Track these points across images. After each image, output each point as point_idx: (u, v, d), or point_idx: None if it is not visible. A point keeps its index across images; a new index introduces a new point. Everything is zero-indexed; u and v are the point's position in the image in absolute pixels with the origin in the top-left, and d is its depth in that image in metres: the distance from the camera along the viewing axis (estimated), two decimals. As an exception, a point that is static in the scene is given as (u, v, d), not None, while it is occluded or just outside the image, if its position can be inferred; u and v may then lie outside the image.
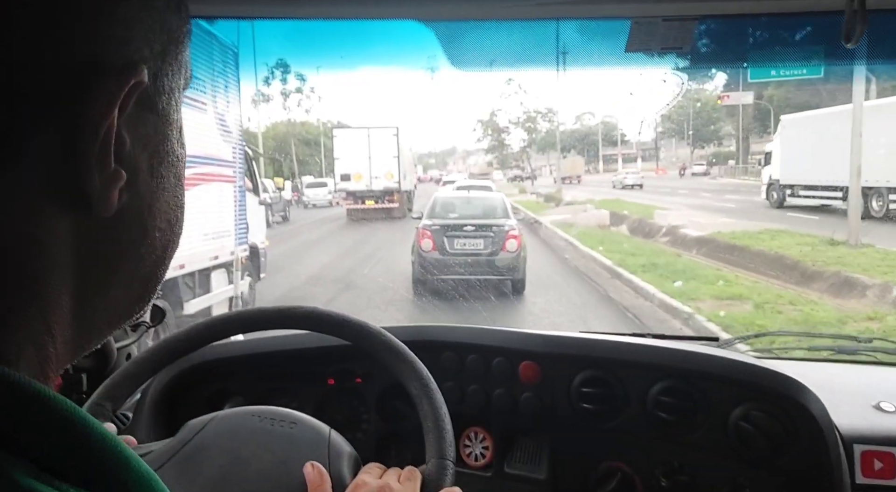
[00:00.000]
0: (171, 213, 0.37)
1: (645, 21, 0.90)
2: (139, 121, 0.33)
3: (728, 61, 0.99)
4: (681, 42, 0.91)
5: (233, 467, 0.77)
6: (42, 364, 0.30)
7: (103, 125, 0.30)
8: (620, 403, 1.02)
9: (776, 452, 0.94)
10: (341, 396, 1.18)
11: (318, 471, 0.76)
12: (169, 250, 0.38)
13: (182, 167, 0.38)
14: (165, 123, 0.36)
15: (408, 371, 0.87)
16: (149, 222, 0.35)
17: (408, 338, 0.96)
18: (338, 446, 0.82)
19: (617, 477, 1.01)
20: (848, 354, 1.41)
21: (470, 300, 7.07)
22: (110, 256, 0.34)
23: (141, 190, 0.34)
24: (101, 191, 0.31)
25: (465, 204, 9.21)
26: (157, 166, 0.35)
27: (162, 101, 0.35)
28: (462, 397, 1.12)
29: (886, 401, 1.07)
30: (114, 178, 0.31)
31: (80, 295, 0.32)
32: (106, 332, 0.36)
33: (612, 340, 1.10)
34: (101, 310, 0.34)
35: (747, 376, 0.98)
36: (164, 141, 0.36)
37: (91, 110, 0.30)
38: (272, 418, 0.85)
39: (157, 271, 0.38)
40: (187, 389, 1.17)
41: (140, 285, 0.37)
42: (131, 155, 0.33)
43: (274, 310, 0.89)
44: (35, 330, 0.30)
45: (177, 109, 0.37)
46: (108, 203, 0.31)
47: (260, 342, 1.19)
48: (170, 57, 0.35)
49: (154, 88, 0.34)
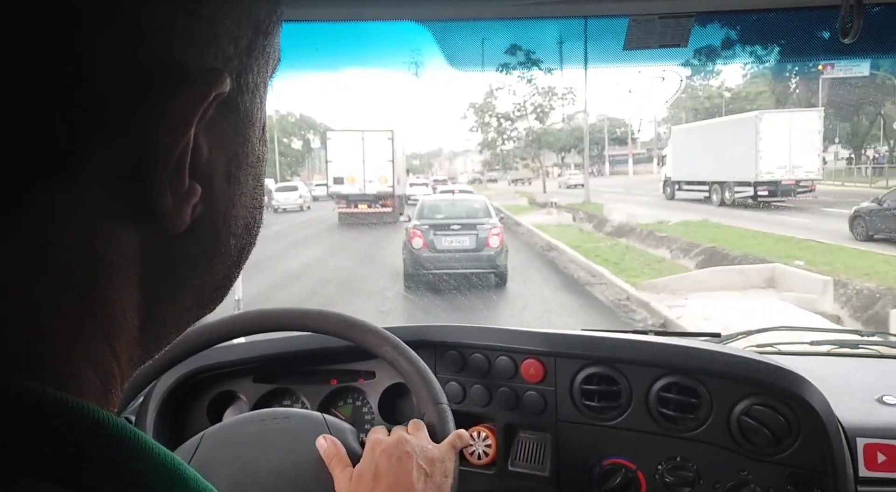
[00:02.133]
0: (248, 217, 0.34)
1: (642, 18, 0.90)
2: (218, 124, 0.30)
3: (726, 58, 0.99)
4: (678, 39, 0.91)
5: (242, 475, 0.78)
6: (105, 383, 0.28)
7: (180, 141, 0.27)
8: (623, 400, 1.03)
9: (779, 446, 0.94)
10: (345, 396, 1.18)
11: (331, 442, 0.79)
12: (245, 254, 0.35)
13: (262, 167, 0.34)
14: (248, 123, 0.32)
15: (375, 340, 0.89)
16: (223, 231, 0.32)
17: (410, 338, 0.96)
18: (336, 424, 0.84)
19: (621, 474, 1.01)
20: (850, 347, 1.42)
21: (457, 292, 7.93)
22: (181, 270, 0.31)
23: (216, 199, 0.31)
24: (173, 208, 0.28)
25: (450, 206, 10.10)
26: (234, 171, 0.31)
27: (245, 101, 0.31)
28: (465, 396, 1.12)
29: (889, 394, 1.08)
30: (188, 194, 0.28)
31: (147, 311, 0.30)
32: (172, 339, 0.33)
33: (614, 337, 1.11)
34: (169, 323, 0.32)
35: (749, 371, 0.98)
36: (245, 143, 0.32)
37: (165, 123, 0.26)
38: (262, 419, 0.85)
39: (230, 277, 0.35)
40: (190, 392, 1.17)
41: (212, 291, 0.34)
42: (208, 164, 0.29)
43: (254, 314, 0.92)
44: (96, 351, 0.27)
45: (261, 107, 0.33)
46: (180, 220, 0.28)
47: (262, 345, 1.19)
48: (256, 51, 0.31)
49: (237, 88, 0.30)
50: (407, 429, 0.82)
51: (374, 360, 1.14)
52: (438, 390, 0.86)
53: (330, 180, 17.99)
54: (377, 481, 0.72)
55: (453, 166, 62.47)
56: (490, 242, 8.40)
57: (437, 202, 10.65)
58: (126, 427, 0.26)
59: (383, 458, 0.74)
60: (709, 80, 33.07)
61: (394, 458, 0.73)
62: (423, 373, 0.86)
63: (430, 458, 0.76)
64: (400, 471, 0.72)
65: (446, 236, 8.52)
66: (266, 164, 0.35)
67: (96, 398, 0.28)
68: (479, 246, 8.40)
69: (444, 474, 0.76)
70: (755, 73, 26.58)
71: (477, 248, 8.40)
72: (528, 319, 6.94)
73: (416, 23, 0.96)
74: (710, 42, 0.96)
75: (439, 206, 10.10)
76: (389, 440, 0.77)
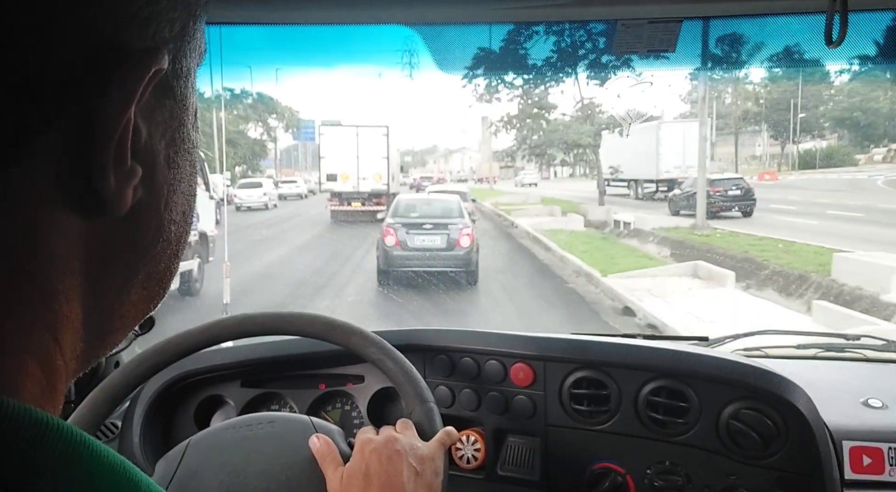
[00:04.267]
0: (186, 204, 0.34)
1: (631, 23, 0.91)
2: (156, 109, 0.30)
3: (714, 63, 1.00)
4: (666, 44, 0.92)
5: (232, 481, 0.77)
6: (49, 377, 0.28)
7: (121, 119, 0.27)
8: (612, 404, 1.03)
9: (767, 449, 0.94)
10: (333, 400, 1.18)
11: (324, 441, 0.79)
12: (182, 242, 0.35)
13: (197, 153, 0.35)
14: (183, 108, 0.32)
15: (360, 341, 0.89)
16: (164, 217, 0.32)
17: (399, 342, 0.96)
18: (323, 426, 0.84)
19: (610, 478, 1.01)
20: (836, 351, 1.43)
21: (427, 288, 8.25)
22: (126, 257, 0.31)
23: (157, 183, 0.31)
24: (115, 190, 0.28)
25: (424, 205, 10.38)
26: (173, 156, 0.32)
27: (180, 86, 0.32)
28: (454, 400, 1.12)
29: (874, 397, 1.09)
30: (129, 175, 0.28)
31: (93, 303, 0.29)
32: (119, 337, 0.33)
33: (603, 341, 1.11)
34: (116, 315, 0.32)
35: (737, 374, 0.98)
36: (181, 127, 0.33)
37: (108, 103, 0.27)
38: (247, 424, 0.85)
39: (171, 266, 0.35)
40: (178, 397, 1.16)
41: (156, 283, 0.34)
42: (147, 147, 0.30)
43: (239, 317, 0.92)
44: (39, 342, 0.27)
45: (193, 92, 0.34)
46: (122, 202, 0.28)
47: (250, 349, 1.19)
48: (188, 35, 0.32)
49: (173, 72, 0.31)
50: (395, 428, 0.81)
51: (363, 364, 1.13)
52: (425, 389, 0.86)
53: (323, 177, 17.52)
54: (368, 481, 0.71)
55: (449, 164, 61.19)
56: (461, 241, 8.58)
57: (412, 201, 10.89)
58: (75, 432, 0.25)
59: (373, 457, 0.73)
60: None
61: (384, 457, 0.73)
62: (408, 372, 0.86)
63: (419, 456, 0.75)
64: (390, 470, 0.72)
65: (418, 235, 8.67)
66: (199, 150, 0.36)
67: (40, 394, 0.27)
68: (450, 245, 8.56)
69: (434, 472, 0.76)
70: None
71: (448, 247, 8.56)
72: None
73: (404, 26, 0.96)
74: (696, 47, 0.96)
75: (414, 205, 10.31)
76: (379, 440, 0.76)
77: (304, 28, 0.98)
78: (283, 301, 7.61)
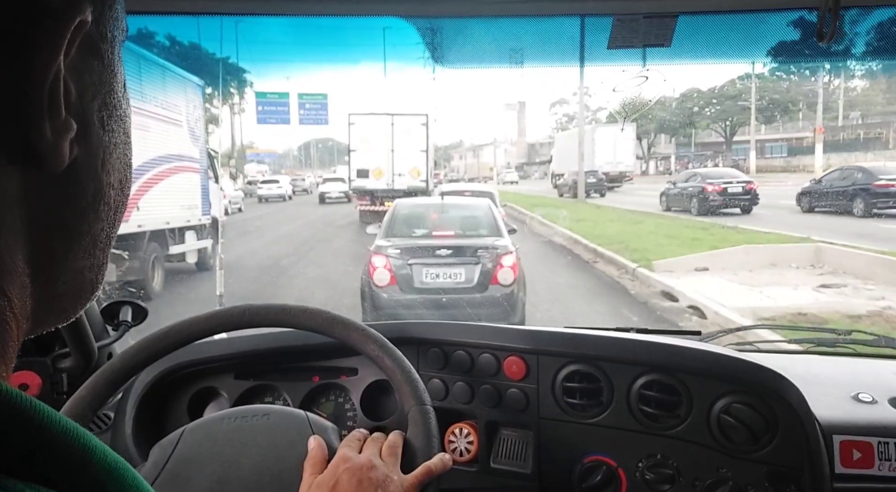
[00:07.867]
0: (122, 172, 0.35)
1: (627, 18, 0.91)
2: (84, 68, 0.31)
3: (708, 57, 1.00)
4: (662, 38, 0.92)
5: (225, 471, 0.78)
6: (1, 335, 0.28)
7: (51, 69, 0.28)
8: (605, 397, 1.03)
9: (758, 443, 0.95)
10: (327, 393, 1.18)
11: (318, 446, 0.79)
12: (120, 213, 0.36)
13: (129, 124, 0.36)
14: (110, 73, 0.33)
15: (360, 337, 0.89)
16: (103, 179, 0.33)
17: (392, 334, 0.96)
18: (318, 422, 0.84)
19: (602, 470, 1.02)
20: (827, 346, 1.44)
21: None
22: (67, 217, 0.31)
23: (93, 143, 0.32)
24: (51, 142, 0.28)
25: (436, 215, 6.42)
26: (107, 119, 0.33)
27: (106, 50, 0.33)
28: (447, 393, 1.12)
29: (864, 392, 1.09)
30: (64, 127, 0.29)
31: (39, 261, 0.30)
32: (66, 303, 0.33)
33: (596, 335, 1.11)
34: (62, 280, 0.32)
35: (729, 369, 0.99)
36: (111, 93, 0.33)
37: (36, 54, 0.27)
38: (243, 416, 0.85)
39: (111, 234, 0.35)
40: (170, 388, 1.16)
41: (100, 251, 0.34)
42: (79, 105, 0.31)
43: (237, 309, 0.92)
44: None
45: (120, 61, 0.35)
46: (59, 155, 0.29)
47: (243, 341, 1.18)
48: (109, 1, 0.33)
49: (98, 33, 0.32)
50: (382, 449, 0.81)
51: (357, 357, 1.14)
52: (423, 390, 0.85)
53: (353, 173, 14.91)
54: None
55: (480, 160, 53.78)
56: (499, 276, 5.15)
57: (417, 209, 6.82)
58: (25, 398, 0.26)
59: (345, 476, 0.74)
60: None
61: (354, 479, 0.73)
62: (407, 372, 0.86)
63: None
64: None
65: (429, 267, 5.23)
66: (131, 122, 0.36)
67: None
68: (483, 283, 5.17)
69: None
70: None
71: (478, 285, 5.17)
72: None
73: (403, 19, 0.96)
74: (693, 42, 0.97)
75: (421, 216, 6.44)
76: (358, 460, 0.76)
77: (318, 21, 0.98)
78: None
